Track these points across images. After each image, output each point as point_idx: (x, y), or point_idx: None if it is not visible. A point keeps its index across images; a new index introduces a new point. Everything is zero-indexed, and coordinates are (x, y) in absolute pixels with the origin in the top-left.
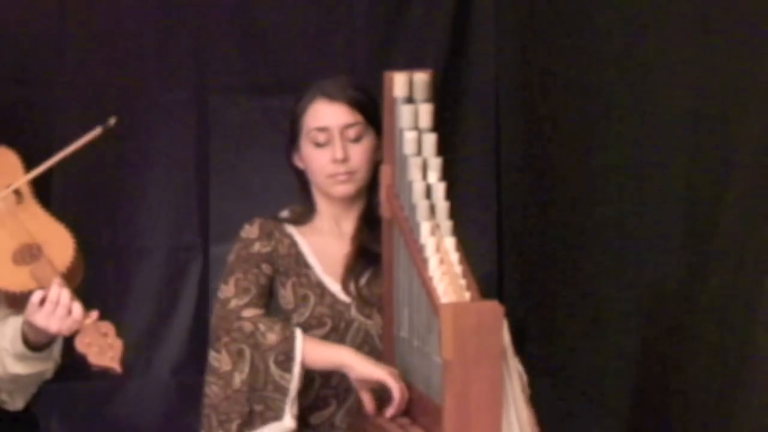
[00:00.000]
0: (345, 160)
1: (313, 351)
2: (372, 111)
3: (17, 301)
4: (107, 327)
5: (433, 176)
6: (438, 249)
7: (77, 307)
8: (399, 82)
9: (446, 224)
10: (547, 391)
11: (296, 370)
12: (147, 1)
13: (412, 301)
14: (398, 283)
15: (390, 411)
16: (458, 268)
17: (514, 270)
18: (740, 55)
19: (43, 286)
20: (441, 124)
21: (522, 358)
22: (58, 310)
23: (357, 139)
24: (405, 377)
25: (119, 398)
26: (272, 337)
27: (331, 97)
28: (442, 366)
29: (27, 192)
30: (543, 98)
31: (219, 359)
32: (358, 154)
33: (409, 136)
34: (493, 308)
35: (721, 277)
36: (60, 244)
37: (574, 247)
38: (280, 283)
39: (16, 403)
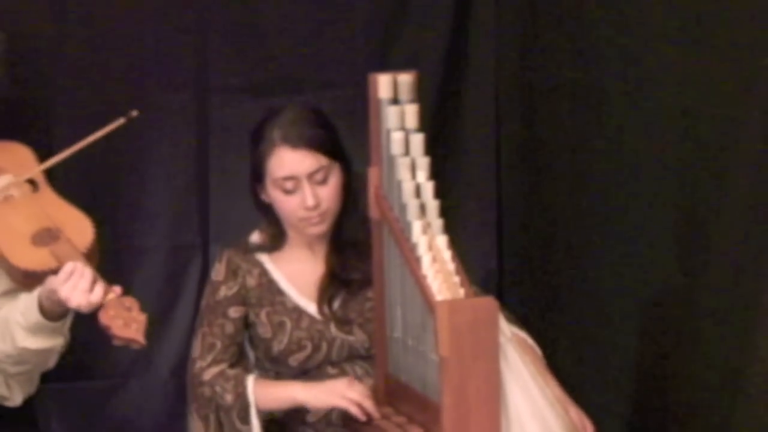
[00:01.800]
0: (316, 206)
1: (266, 398)
2: (335, 146)
3: (37, 281)
4: (131, 301)
5: (422, 175)
6: (430, 247)
7: (100, 284)
8: (383, 83)
9: (437, 222)
10: None
11: (254, 420)
12: (147, 1)
13: (405, 300)
14: (390, 284)
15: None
16: (451, 266)
17: (514, 270)
18: (740, 55)
19: (64, 263)
20: (441, 124)
21: None
22: (81, 283)
23: (324, 181)
24: (400, 377)
25: (119, 398)
26: (229, 397)
27: (293, 144)
28: (438, 363)
29: (42, 181)
30: (543, 98)
31: (193, 424)
32: (328, 194)
33: (397, 137)
34: (488, 304)
35: (721, 277)
36: (79, 225)
37: (574, 246)
38: (254, 315)
39: (15, 399)
